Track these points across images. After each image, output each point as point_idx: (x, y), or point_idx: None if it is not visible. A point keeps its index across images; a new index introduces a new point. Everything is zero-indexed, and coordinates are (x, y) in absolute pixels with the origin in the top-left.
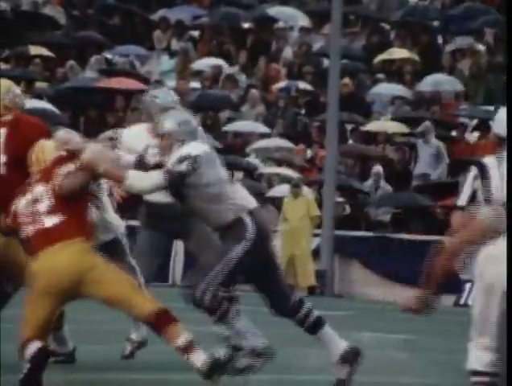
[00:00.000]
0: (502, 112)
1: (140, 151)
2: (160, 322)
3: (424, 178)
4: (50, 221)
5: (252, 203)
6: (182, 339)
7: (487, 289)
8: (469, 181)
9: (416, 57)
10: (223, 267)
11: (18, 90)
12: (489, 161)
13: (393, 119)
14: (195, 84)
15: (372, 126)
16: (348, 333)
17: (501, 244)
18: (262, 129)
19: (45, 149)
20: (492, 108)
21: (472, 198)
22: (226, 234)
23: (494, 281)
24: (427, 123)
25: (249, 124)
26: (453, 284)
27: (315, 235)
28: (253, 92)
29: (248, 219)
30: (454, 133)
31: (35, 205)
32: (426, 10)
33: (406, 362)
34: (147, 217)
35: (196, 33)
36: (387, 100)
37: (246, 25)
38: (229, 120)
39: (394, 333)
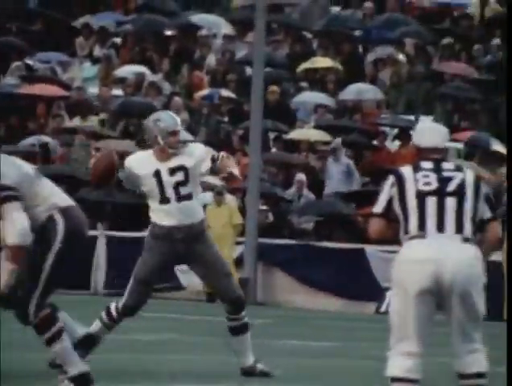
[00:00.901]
0: (422, 124)
1: (149, 176)
2: None
3: (337, 196)
4: None
5: (65, 200)
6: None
7: (404, 293)
8: (386, 189)
9: (339, 66)
10: (40, 278)
11: None
12: (406, 170)
13: (316, 127)
14: (117, 92)
15: (295, 134)
16: (271, 341)
17: (415, 247)
18: (185, 136)
19: None
20: (412, 117)
21: (389, 205)
22: (40, 237)
23: (410, 284)
24: (338, 140)
25: None
26: (374, 291)
27: (239, 243)
28: (177, 99)
29: (59, 218)
30: (375, 142)
31: None
32: (348, 19)
33: (330, 369)
34: (154, 240)
35: (118, 40)
36: (310, 109)
37: (169, 32)
38: None
39: (317, 340)
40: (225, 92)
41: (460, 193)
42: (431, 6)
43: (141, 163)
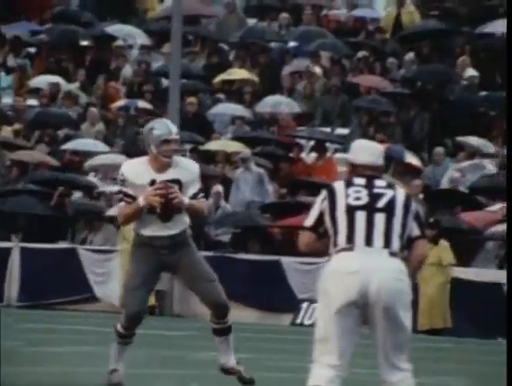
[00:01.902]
0: (358, 141)
1: (145, 186)
2: None
3: (248, 206)
4: None
5: None
6: None
7: (329, 305)
8: (318, 203)
9: (255, 78)
10: None
11: None
12: (338, 185)
13: (233, 139)
14: (32, 102)
15: (212, 146)
16: (188, 352)
17: (342, 260)
18: (102, 147)
19: None
20: (328, 129)
21: (319, 219)
22: None
23: (336, 296)
24: (247, 151)
25: (88, 142)
26: (290, 303)
27: None
28: (93, 110)
29: None
30: (292, 154)
31: None
32: (264, 31)
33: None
34: (138, 248)
35: (33, 49)
36: (227, 120)
37: (85, 42)
38: (68, 138)
39: (244, 352)
40: (142, 104)
41: (389, 209)
42: (347, 19)
43: (138, 172)
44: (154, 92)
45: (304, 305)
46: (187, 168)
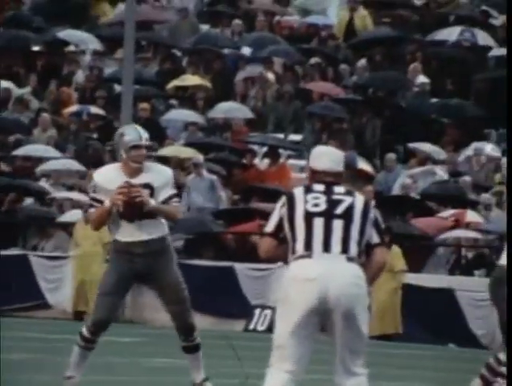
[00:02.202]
0: (319, 147)
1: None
2: None
3: (201, 212)
4: None
5: None
6: None
7: (288, 311)
8: (277, 209)
9: (208, 84)
10: None
11: None
12: (297, 191)
13: (186, 145)
14: None
15: (164, 151)
16: (139, 359)
17: (301, 266)
18: (54, 153)
19: None
20: (281, 135)
21: (279, 225)
22: None
23: (295, 303)
24: (199, 157)
25: (40, 148)
26: (243, 309)
27: (108, 261)
28: (44, 115)
29: None
30: (245, 160)
31: None
32: (217, 37)
33: None
34: (115, 254)
35: None
36: (180, 126)
37: (37, 48)
38: (19, 143)
39: (184, 358)
40: (94, 109)
41: (347, 216)
42: (300, 25)
43: (109, 177)
44: (106, 97)
45: (257, 311)
46: (159, 173)
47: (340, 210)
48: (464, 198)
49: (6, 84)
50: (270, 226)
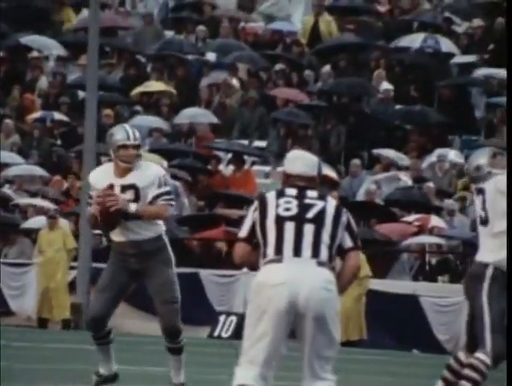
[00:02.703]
0: (293, 152)
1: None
2: None
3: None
4: None
5: None
6: None
7: (257, 316)
8: (250, 214)
9: (173, 90)
10: None
11: None
12: (269, 195)
13: (150, 151)
14: None
15: None
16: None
17: (271, 271)
18: (17, 159)
19: None
20: (246, 141)
21: (252, 230)
22: None
23: (264, 307)
24: (163, 163)
25: (3, 154)
26: (208, 316)
27: (72, 267)
28: (8, 122)
29: None
30: (209, 166)
31: None
32: (182, 43)
33: None
34: (112, 253)
35: None
36: (145, 132)
37: None
38: None
39: (151, 366)
40: (58, 115)
41: (318, 220)
42: (264, 32)
43: (99, 177)
44: (70, 103)
45: (222, 317)
46: (145, 172)
47: (311, 214)
48: (428, 204)
49: None
50: (243, 231)
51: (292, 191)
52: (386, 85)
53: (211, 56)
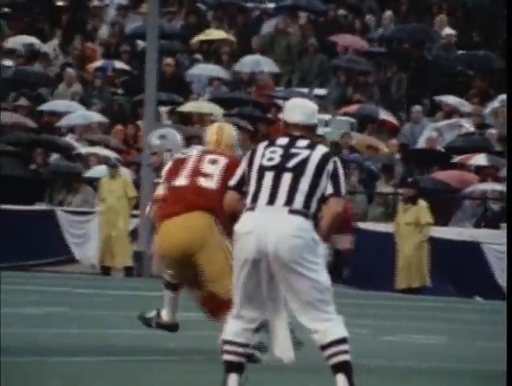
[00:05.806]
0: (293, 99)
1: None
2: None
3: None
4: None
5: None
6: None
7: (237, 263)
8: (242, 164)
9: (233, 38)
10: None
11: None
12: (260, 145)
13: (211, 100)
14: (8, 62)
15: (187, 107)
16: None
17: (244, 220)
18: (79, 108)
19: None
20: (306, 90)
21: (242, 179)
22: None
23: (238, 255)
24: (219, 112)
25: (65, 103)
26: None
27: (134, 216)
28: (69, 70)
29: None
30: (269, 115)
31: None
32: None
33: None
34: None
35: (6, 10)
36: (205, 81)
37: (61, 3)
38: (43, 99)
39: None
40: (119, 64)
41: (298, 169)
42: None
43: None
44: (131, 52)
45: None
46: None
47: (292, 163)
48: (490, 150)
49: (30, 39)
50: (233, 180)
51: (283, 141)
52: (448, 30)
53: (270, 4)
